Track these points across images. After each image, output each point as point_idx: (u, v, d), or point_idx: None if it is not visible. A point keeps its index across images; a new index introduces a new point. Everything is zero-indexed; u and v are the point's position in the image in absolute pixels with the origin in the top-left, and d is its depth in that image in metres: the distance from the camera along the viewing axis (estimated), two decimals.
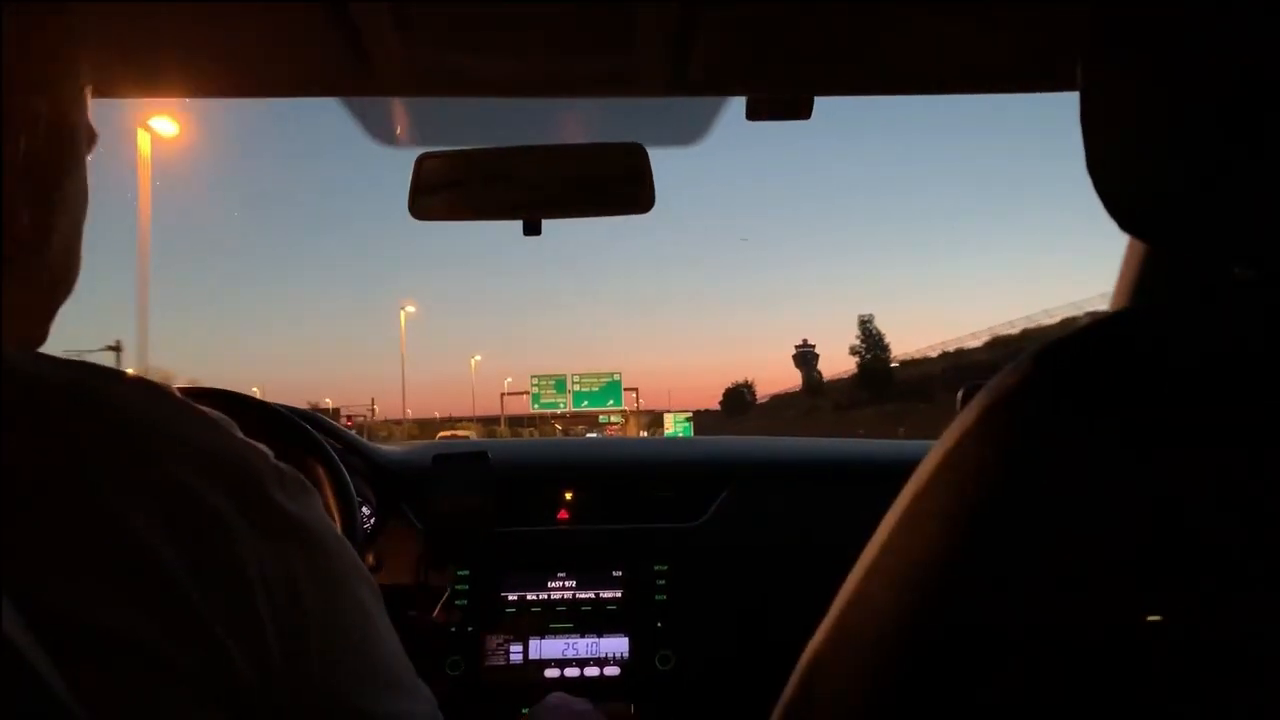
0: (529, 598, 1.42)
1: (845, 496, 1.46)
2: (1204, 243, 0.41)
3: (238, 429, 0.48)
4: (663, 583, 1.43)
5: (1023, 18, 0.82)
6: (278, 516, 0.45)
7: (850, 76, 0.96)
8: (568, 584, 1.43)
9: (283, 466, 0.48)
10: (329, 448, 1.23)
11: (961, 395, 0.79)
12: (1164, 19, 0.38)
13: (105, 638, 0.37)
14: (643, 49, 0.85)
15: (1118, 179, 0.41)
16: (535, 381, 37.52)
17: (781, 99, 0.97)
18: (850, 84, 0.97)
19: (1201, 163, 0.38)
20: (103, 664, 0.37)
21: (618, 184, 1.09)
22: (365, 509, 1.38)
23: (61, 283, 0.52)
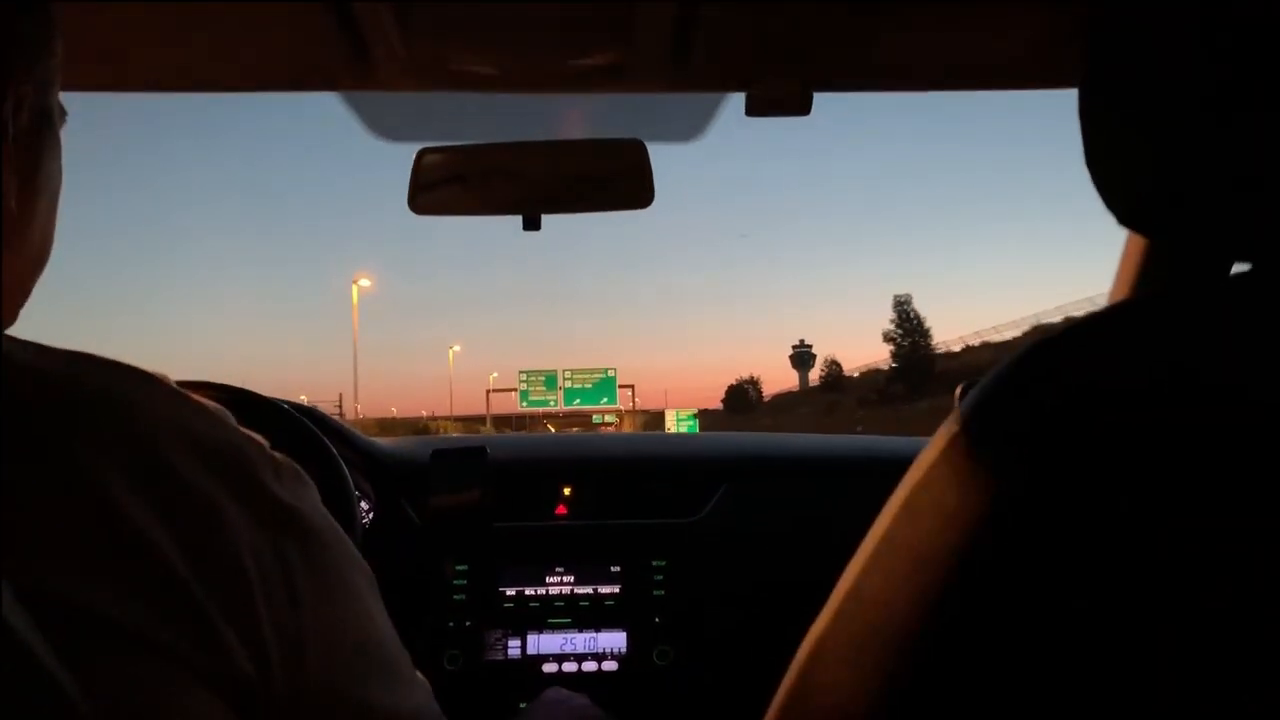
0: (527, 592, 1.42)
1: (843, 492, 1.46)
2: (1202, 237, 0.41)
3: (233, 419, 0.48)
4: (660, 578, 1.43)
5: (1022, 14, 0.82)
6: (274, 506, 0.45)
7: (849, 72, 0.96)
8: (566, 579, 1.43)
9: (279, 456, 0.48)
10: (327, 442, 1.23)
11: (960, 391, 0.79)
12: (1163, 15, 0.39)
13: (101, 625, 0.37)
14: (643, 44, 0.85)
15: (1117, 174, 0.41)
16: (523, 377, 34.90)
17: (781, 94, 0.97)
18: (849, 80, 0.97)
19: (1199, 157, 0.38)
20: (99, 651, 0.37)
21: (617, 179, 1.09)
22: (364, 504, 1.38)
23: (39, 262, 0.52)
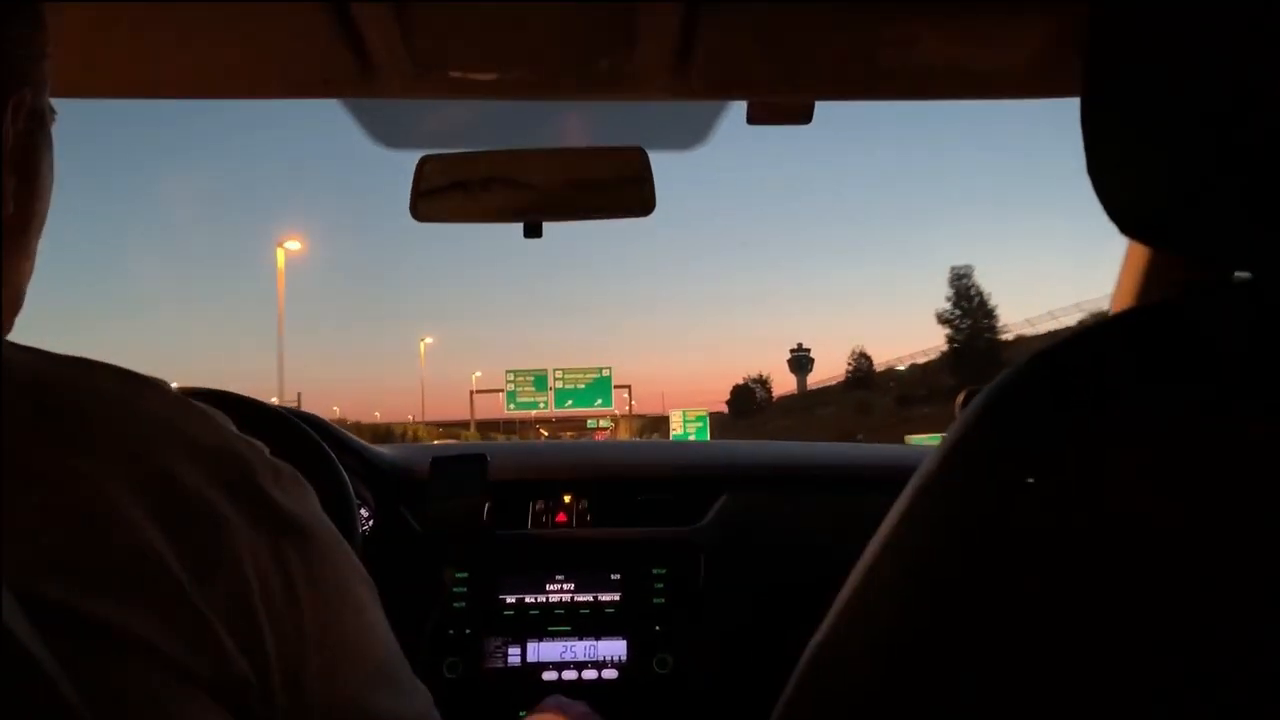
0: (527, 600, 1.42)
1: (844, 501, 1.46)
2: (1203, 246, 0.41)
3: (233, 425, 0.48)
4: (661, 586, 1.43)
5: (1023, 24, 0.83)
6: (273, 511, 0.45)
7: (850, 82, 0.96)
8: (566, 587, 1.43)
9: (278, 462, 0.48)
10: (327, 449, 1.23)
11: (961, 399, 0.79)
12: (1164, 24, 0.39)
13: (101, 631, 0.37)
14: (644, 53, 0.85)
15: (1118, 183, 0.41)
16: (511, 377, 31.82)
17: (782, 104, 0.97)
18: (850, 89, 0.98)
19: (1201, 166, 0.38)
20: (98, 657, 0.37)
21: (619, 187, 1.09)
22: (364, 511, 1.38)
23: (32, 263, 0.52)
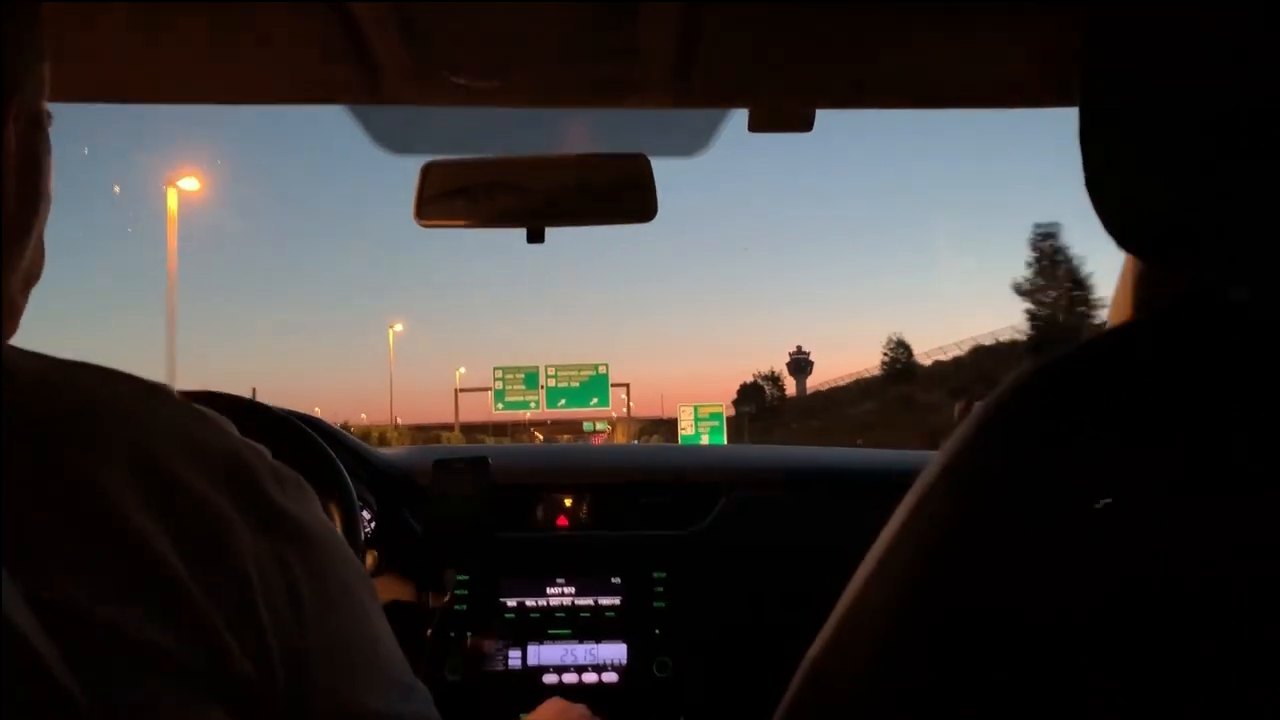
0: (528, 603, 1.42)
1: (844, 505, 1.46)
2: (1200, 260, 0.41)
3: (235, 428, 0.48)
4: (661, 589, 1.43)
5: (1023, 34, 0.83)
6: (276, 514, 0.45)
7: (851, 90, 0.97)
8: (566, 590, 1.43)
9: (280, 465, 0.48)
10: (329, 452, 1.23)
11: (959, 408, 0.79)
12: (1162, 36, 0.39)
13: (105, 632, 0.37)
14: (646, 60, 0.86)
15: (1116, 196, 0.41)
16: (499, 374, 28.42)
17: (783, 111, 0.98)
18: (851, 97, 0.98)
19: (1199, 181, 0.38)
20: (103, 659, 0.37)
21: (621, 193, 1.10)
22: (365, 513, 1.39)
23: (36, 271, 0.52)
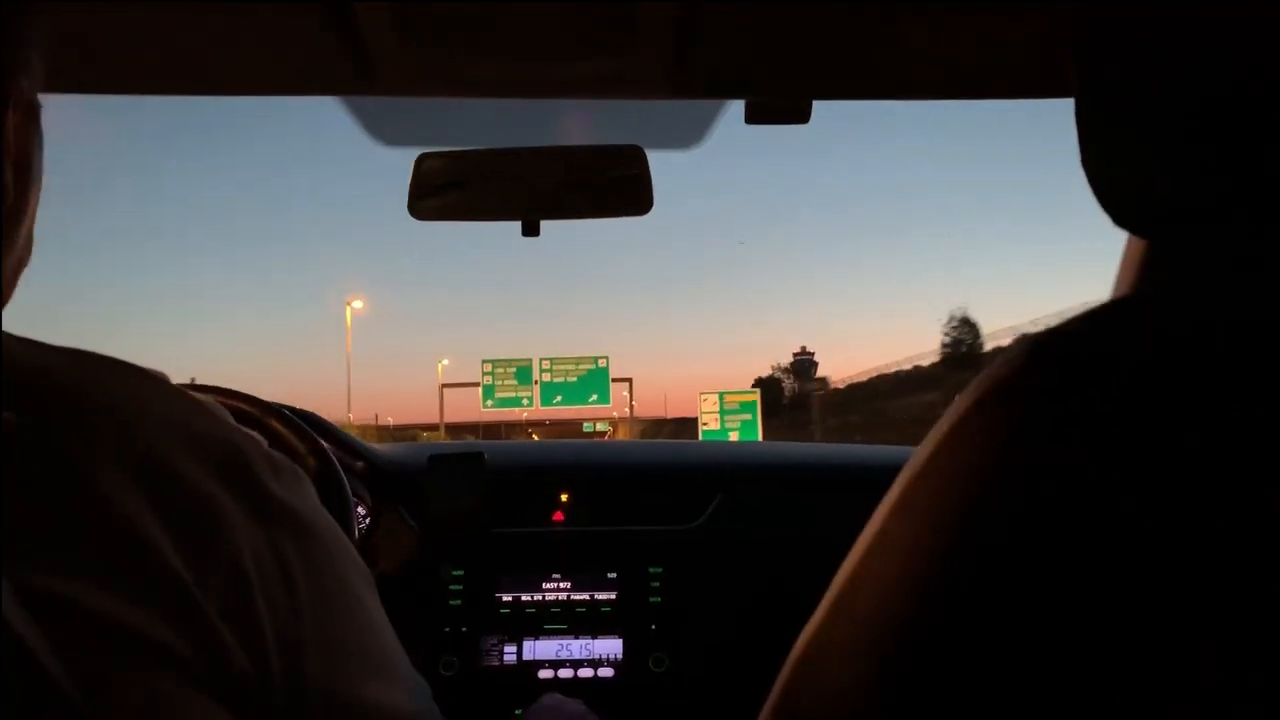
0: (523, 598, 1.42)
1: (841, 501, 1.46)
2: (1198, 238, 0.41)
3: (231, 418, 0.48)
4: (657, 585, 1.43)
5: (1020, 24, 0.83)
6: (271, 504, 0.45)
7: (848, 81, 0.96)
8: (562, 585, 1.43)
9: (275, 454, 0.48)
10: (324, 446, 1.23)
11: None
12: (1158, 15, 0.39)
13: (99, 624, 0.37)
14: (642, 52, 0.85)
15: (1111, 176, 0.41)
16: (488, 369, 24.75)
17: (780, 103, 0.97)
18: (848, 88, 0.98)
19: (1192, 159, 0.38)
20: (97, 650, 0.36)
21: (616, 186, 1.10)
22: (360, 509, 1.38)
23: (25, 257, 0.52)
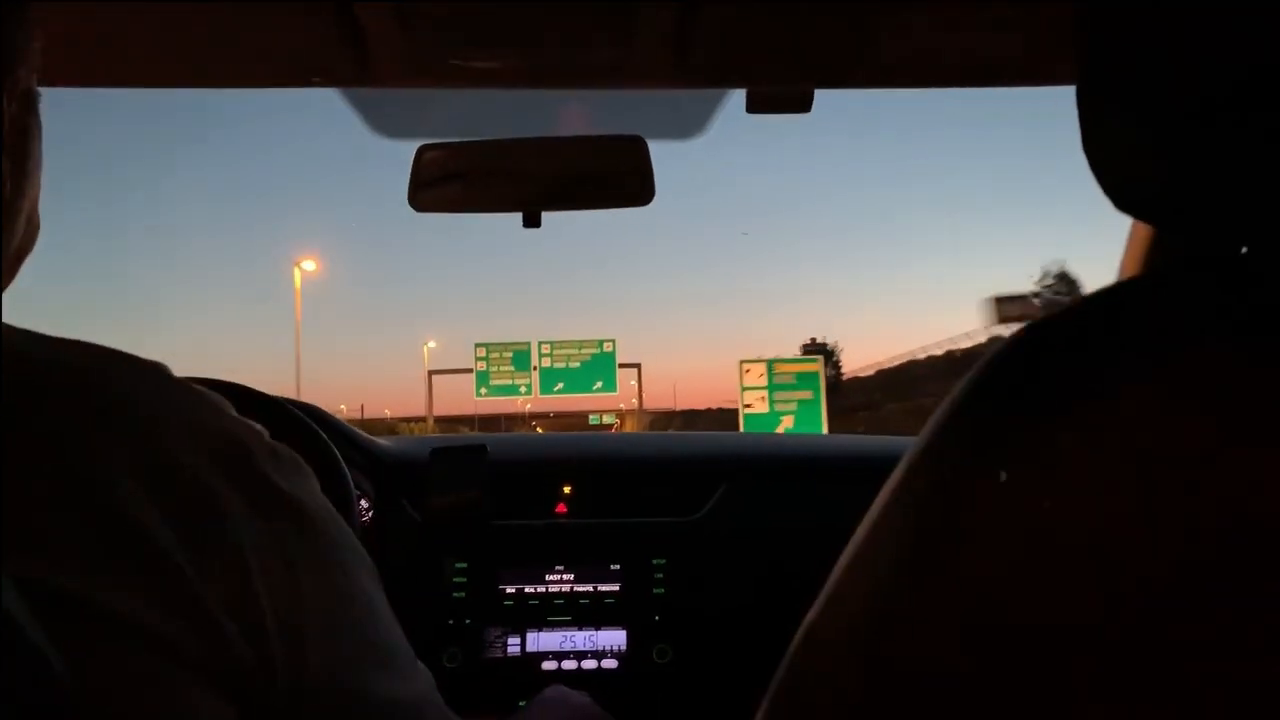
0: (527, 590, 1.42)
1: (845, 492, 1.45)
2: (1200, 221, 0.41)
3: (232, 408, 0.47)
4: (660, 576, 1.43)
5: (1022, 10, 0.82)
6: (273, 494, 0.45)
7: (850, 70, 0.96)
8: (565, 577, 1.43)
9: (277, 445, 0.48)
10: (326, 439, 1.23)
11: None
12: (1158, 5, 0.38)
13: (100, 616, 0.37)
14: (643, 41, 0.85)
15: (1113, 161, 0.41)
16: (481, 353, 21.73)
17: (781, 92, 0.97)
18: (849, 77, 0.97)
19: (1193, 144, 0.38)
20: (95, 641, 0.36)
21: (618, 177, 1.09)
22: (363, 502, 1.38)
23: (29, 244, 0.52)
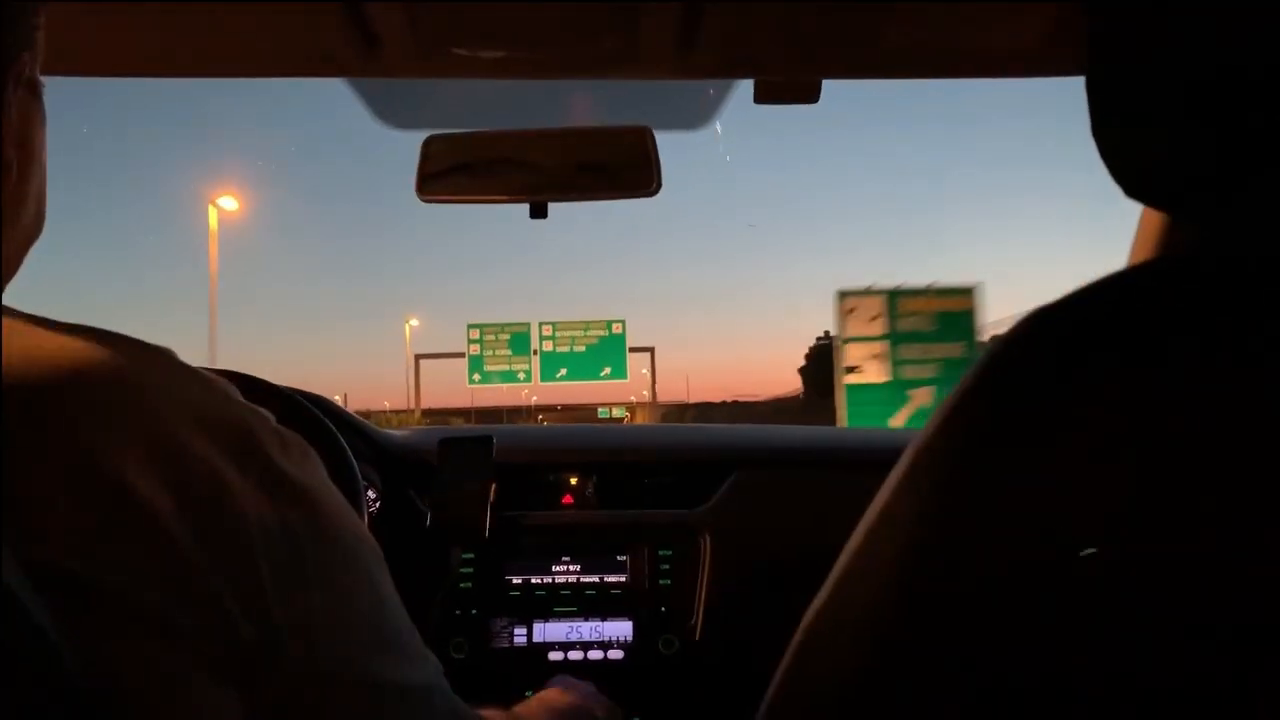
0: (533, 581, 1.42)
1: (850, 483, 1.45)
2: (1202, 208, 0.40)
3: (238, 394, 0.47)
4: (667, 567, 1.43)
5: (1029, 2, 0.82)
6: (279, 479, 0.45)
7: (858, 60, 0.95)
8: (572, 568, 1.43)
9: (284, 430, 0.48)
10: (334, 430, 1.23)
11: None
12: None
13: (105, 598, 0.37)
14: (650, 31, 0.85)
15: (1122, 149, 0.41)
16: (475, 335, 18.99)
17: (789, 82, 0.97)
18: (858, 67, 0.97)
19: (1199, 132, 0.37)
20: (103, 624, 0.36)
21: (624, 167, 1.09)
22: (370, 493, 1.39)
23: (34, 232, 0.52)
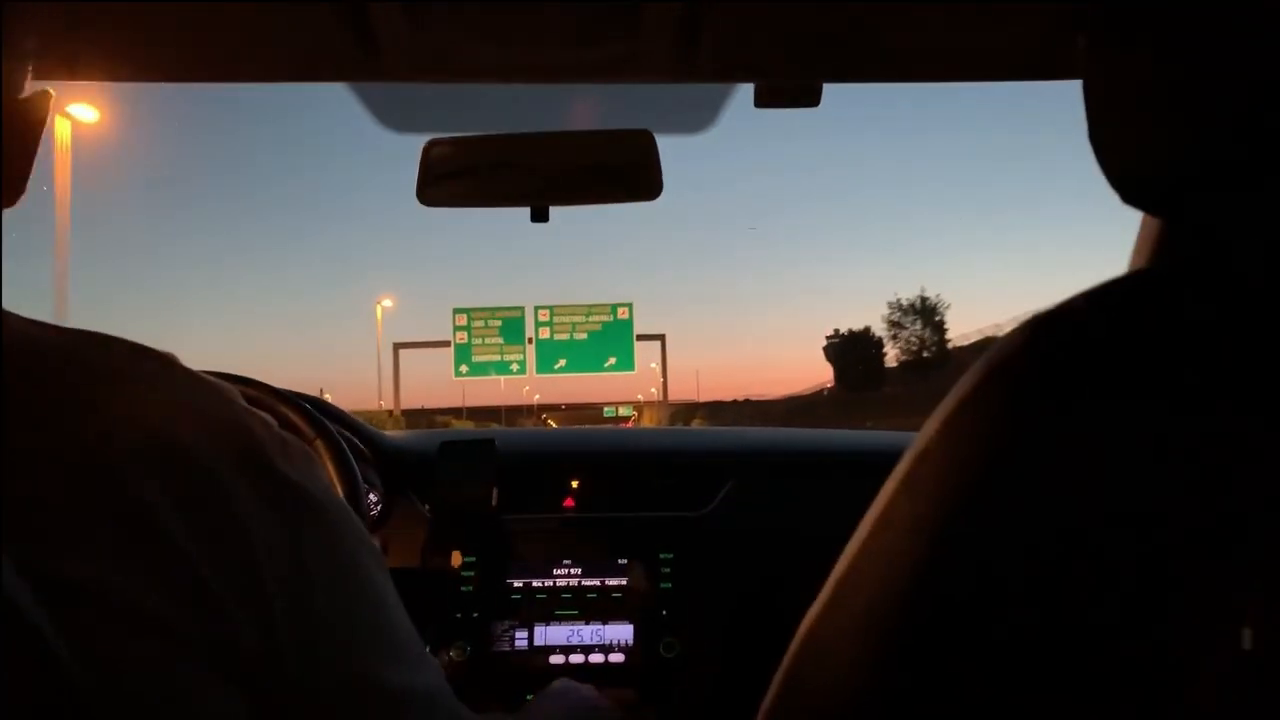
0: (534, 584, 1.42)
1: (852, 486, 1.45)
2: (1205, 215, 0.40)
3: (240, 398, 0.47)
4: (668, 571, 1.43)
5: (1031, 5, 0.82)
6: (281, 484, 0.45)
7: (859, 64, 0.95)
8: (573, 571, 1.43)
9: (286, 435, 0.48)
10: (334, 433, 1.23)
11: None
12: (1163, 4, 0.38)
13: (106, 603, 0.37)
14: (651, 35, 0.85)
15: (1119, 155, 0.41)
16: (462, 321, 17.02)
17: (790, 86, 0.97)
18: (858, 71, 0.97)
19: (1196, 139, 0.37)
20: (104, 629, 0.36)
21: (625, 171, 1.09)
22: (372, 495, 1.39)
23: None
